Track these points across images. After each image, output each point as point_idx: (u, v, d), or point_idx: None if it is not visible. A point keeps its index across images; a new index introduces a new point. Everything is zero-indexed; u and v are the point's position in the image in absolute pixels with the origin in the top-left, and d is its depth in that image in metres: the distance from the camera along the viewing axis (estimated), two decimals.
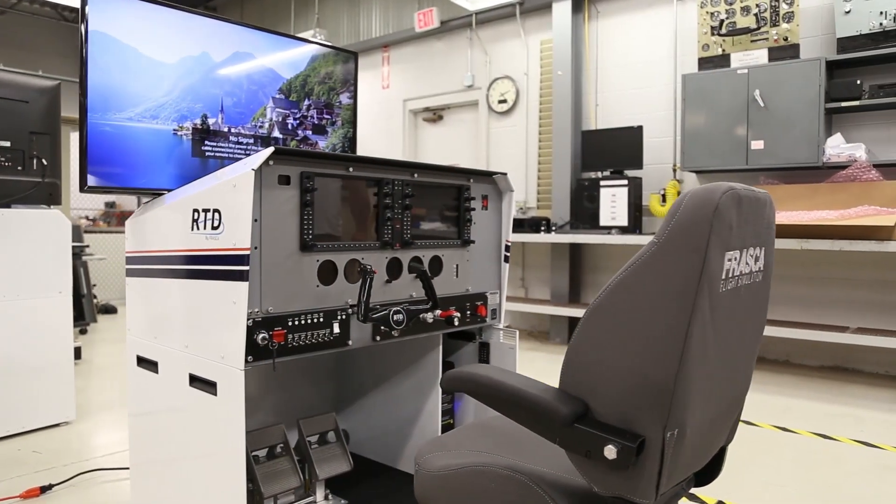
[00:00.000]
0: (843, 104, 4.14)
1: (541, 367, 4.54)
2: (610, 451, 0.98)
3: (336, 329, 1.72)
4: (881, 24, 4.00)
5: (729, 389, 1.20)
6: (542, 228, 5.41)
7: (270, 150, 1.52)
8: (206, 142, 2.03)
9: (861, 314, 4.36)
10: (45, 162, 2.93)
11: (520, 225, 5.44)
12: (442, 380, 1.17)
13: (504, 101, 6.33)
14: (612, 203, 5.15)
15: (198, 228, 1.64)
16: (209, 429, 1.63)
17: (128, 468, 2.48)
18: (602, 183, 5.20)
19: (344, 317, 1.74)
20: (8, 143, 2.82)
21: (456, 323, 2.02)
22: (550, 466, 1.19)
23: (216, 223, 1.58)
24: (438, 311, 1.90)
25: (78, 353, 4.18)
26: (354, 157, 1.77)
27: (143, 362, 1.88)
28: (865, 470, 2.64)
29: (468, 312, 2.13)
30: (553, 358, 4.91)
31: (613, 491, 1.03)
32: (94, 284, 6.19)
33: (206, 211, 1.61)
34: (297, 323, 1.63)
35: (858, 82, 4.09)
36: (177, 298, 1.72)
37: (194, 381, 1.67)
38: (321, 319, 1.68)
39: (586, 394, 1.04)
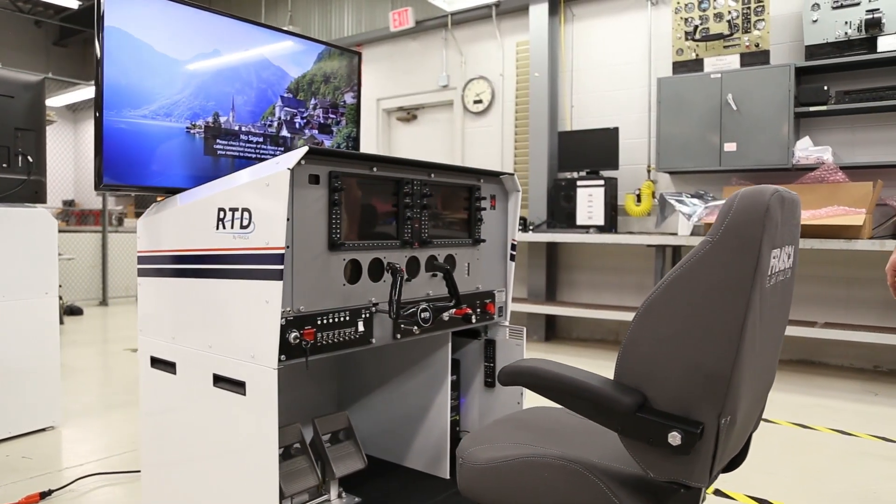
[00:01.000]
0: (812, 109, 4.33)
1: None
2: (674, 438, 1.03)
3: (361, 327, 1.73)
4: (846, 33, 4.20)
5: (763, 378, 1.27)
6: (520, 227, 5.48)
7: (305, 149, 1.52)
8: (218, 140, 2.02)
9: (828, 310, 4.57)
10: (30, 159, 2.84)
11: None
12: (500, 373, 1.20)
13: (479, 102, 6.38)
14: (589, 203, 5.26)
15: (224, 228, 1.63)
16: (237, 429, 1.62)
17: (129, 472, 2.45)
18: (579, 183, 5.30)
19: (368, 315, 1.75)
20: None
21: (474, 320, 2.05)
22: (597, 456, 1.24)
23: (245, 222, 1.57)
24: (453, 309, 1.94)
25: None
26: (379, 157, 1.78)
27: (159, 363, 1.85)
28: (847, 456, 2.79)
29: (478, 310, 2.16)
30: (531, 355, 4.98)
31: (670, 476, 1.09)
32: (59, 285, 6.00)
33: (233, 210, 1.60)
34: (325, 322, 1.64)
35: (825, 88, 4.28)
36: (199, 298, 1.71)
37: (219, 381, 1.66)
38: (347, 318, 1.70)
39: (644, 384, 1.09)
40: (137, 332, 1.93)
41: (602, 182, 5.19)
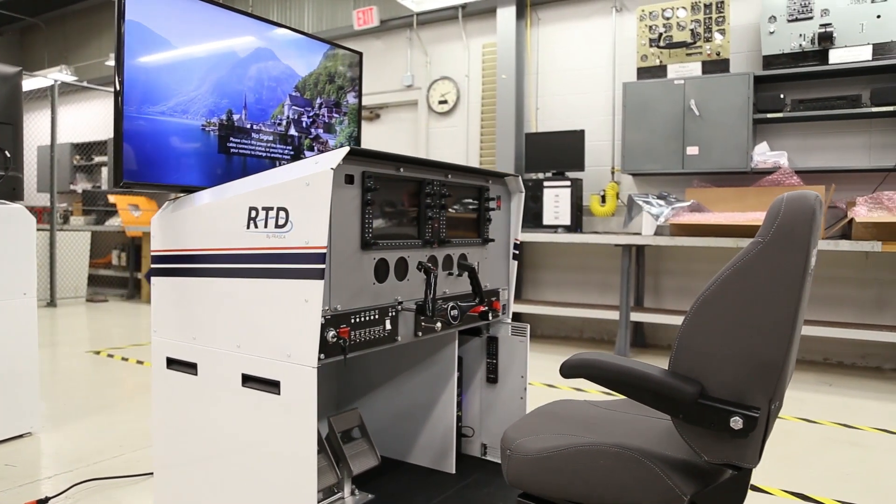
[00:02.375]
0: (769, 115, 4.57)
1: None
2: (736, 423, 1.11)
3: (388, 325, 1.76)
4: (801, 45, 4.46)
5: (792, 365, 1.37)
6: None
7: (346, 149, 1.54)
8: (231, 138, 2.00)
9: None
10: (7, 154, 2.73)
11: None
12: (562, 367, 1.26)
13: (445, 102, 6.44)
14: (556, 203, 5.39)
15: (256, 227, 1.63)
16: (269, 429, 1.62)
17: (130, 476, 2.40)
18: (545, 184, 5.42)
19: (394, 313, 1.78)
20: None
21: (490, 318, 2.10)
22: (642, 443, 1.31)
23: (281, 221, 1.58)
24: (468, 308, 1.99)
25: None
26: (405, 158, 1.81)
27: (176, 364, 1.83)
28: (815, 443, 2.98)
29: (486, 308, 2.21)
30: None
31: (724, 459, 1.17)
32: None
33: (267, 209, 1.60)
34: (358, 320, 1.66)
35: (782, 96, 4.54)
36: (226, 298, 1.69)
37: (249, 381, 1.65)
38: (377, 316, 1.72)
39: (700, 374, 1.17)
40: (151, 332, 1.89)
41: (568, 183, 5.33)
